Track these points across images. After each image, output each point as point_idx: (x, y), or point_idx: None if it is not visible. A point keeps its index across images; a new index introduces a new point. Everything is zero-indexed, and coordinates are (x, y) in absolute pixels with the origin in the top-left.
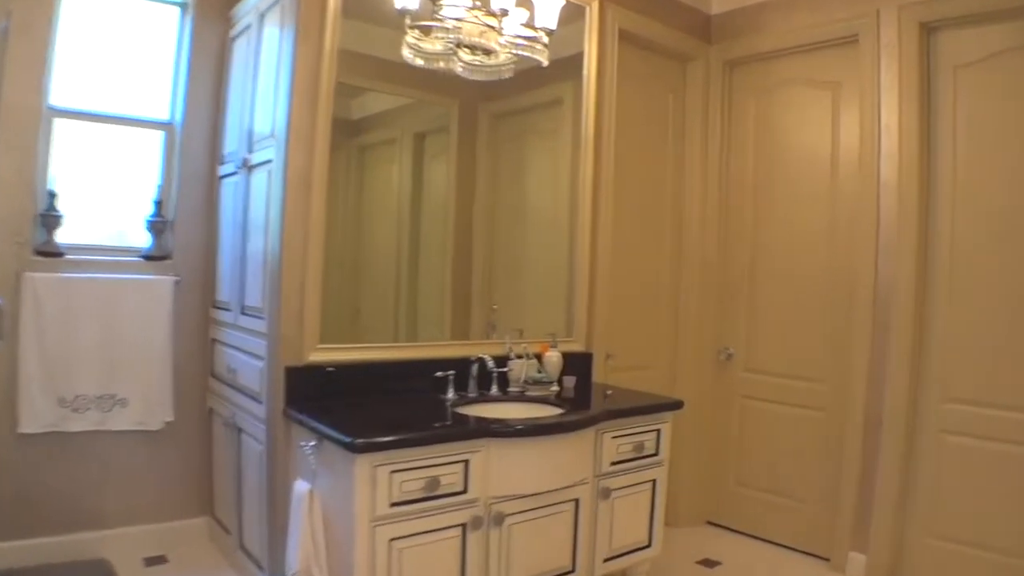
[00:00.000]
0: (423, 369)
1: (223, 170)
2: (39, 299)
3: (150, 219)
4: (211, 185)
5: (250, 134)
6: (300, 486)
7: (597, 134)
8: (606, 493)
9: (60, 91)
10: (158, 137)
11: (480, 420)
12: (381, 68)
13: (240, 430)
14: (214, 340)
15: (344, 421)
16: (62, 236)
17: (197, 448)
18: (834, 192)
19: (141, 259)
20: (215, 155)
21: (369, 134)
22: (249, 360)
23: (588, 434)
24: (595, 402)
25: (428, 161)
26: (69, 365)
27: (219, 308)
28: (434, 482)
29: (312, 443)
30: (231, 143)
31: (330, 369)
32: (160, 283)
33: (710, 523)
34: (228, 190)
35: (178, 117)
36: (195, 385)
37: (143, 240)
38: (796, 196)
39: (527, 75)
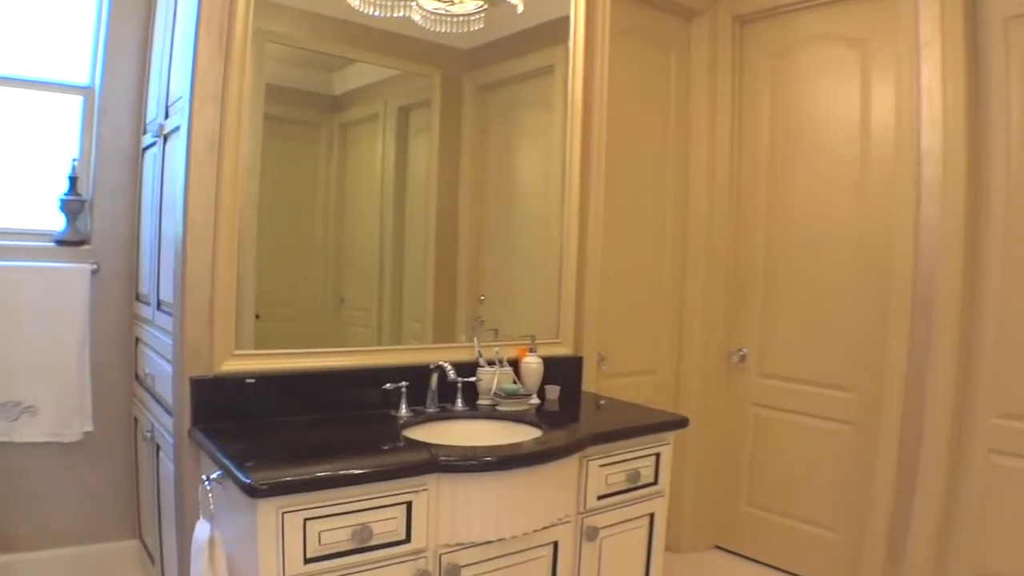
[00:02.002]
0: (374, 379)
1: (145, 141)
2: None
3: (64, 198)
4: (136, 159)
5: (167, 96)
6: (201, 530)
7: (586, 102)
8: (592, 533)
9: None
10: (75, 104)
11: (428, 449)
12: (338, 28)
13: (158, 447)
14: (137, 339)
15: (252, 450)
16: None
17: (123, 462)
18: (865, 168)
19: (53, 244)
20: (140, 125)
21: (351, 110)
22: (164, 365)
23: (570, 463)
24: (584, 418)
25: (413, 137)
26: None
27: (141, 302)
28: (365, 531)
29: (215, 475)
30: (153, 110)
31: (250, 380)
32: (73, 272)
33: (718, 547)
34: (149, 164)
35: (98, 80)
36: (118, 391)
37: (56, 223)
38: (820, 173)
39: (514, 40)
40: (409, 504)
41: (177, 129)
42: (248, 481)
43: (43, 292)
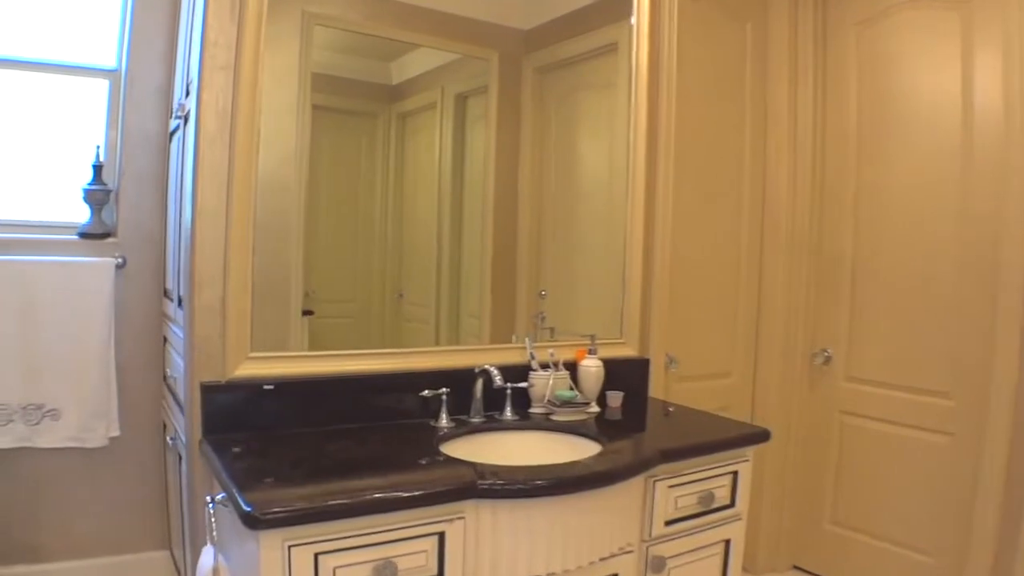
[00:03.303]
0: (410, 384)
1: (172, 125)
2: None
3: (88, 188)
4: (163, 146)
5: (187, 73)
6: (206, 558)
7: (652, 80)
8: (659, 564)
9: None
10: (101, 89)
11: (466, 469)
12: (391, 9)
13: (180, 456)
14: (165, 338)
15: (261, 468)
16: None
17: (152, 469)
18: (967, 148)
19: (77, 237)
20: (168, 109)
21: (409, 99)
22: (183, 367)
23: (635, 484)
24: (650, 429)
25: (470, 125)
26: None
27: (168, 298)
28: (388, 567)
29: (219, 496)
30: (178, 91)
31: (268, 387)
32: (97, 266)
33: (797, 568)
34: (175, 149)
35: (123, 63)
36: (146, 393)
37: (80, 215)
38: (915, 155)
39: (575, 17)
40: (442, 535)
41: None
42: (248, 509)
43: (65, 288)
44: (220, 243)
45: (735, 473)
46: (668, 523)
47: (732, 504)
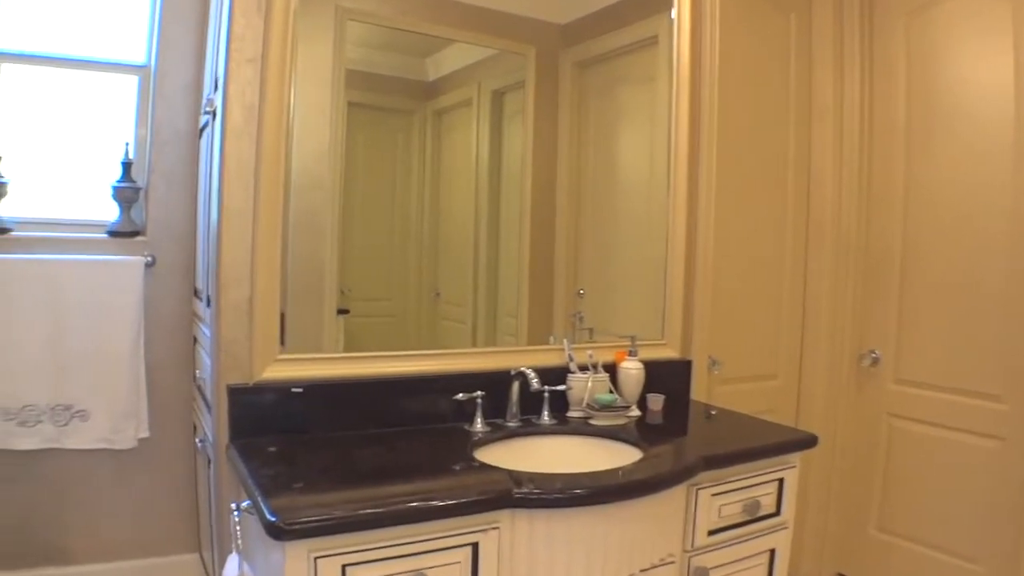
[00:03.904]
0: (444, 387)
1: (202, 121)
2: None
3: (117, 185)
4: (193, 143)
5: (216, 68)
6: (230, 567)
7: (693, 74)
8: (701, 575)
9: (8, 32)
10: (131, 85)
11: (501, 477)
12: (426, 4)
13: (209, 460)
14: (195, 339)
15: (288, 475)
16: (7, 209)
17: (182, 471)
18: (1021, 144)
19: (106, 236)
20: (198, 106)
21: (445, 96)
22: (210, 369)
23: (677, 493)
24: (693, 434)
25: (507, 121)
26: (12, 368)
27: (198, 298)
28: None
29: (245, 504)
30: (208, 87)
31: (296, 389)
32: (126, 265)
33: (841, 575)
34: (204, 145)
35: (153, 59)
36: (177, 394)
37: (109, 213)
38: (967, 148)
39: (614, 10)
40: (475, 546)
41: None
42: (272, 519)
43: (94, 287)
44: (247, 241)
45: (781, 480)
46: (711, 532)
47: (778, 512)
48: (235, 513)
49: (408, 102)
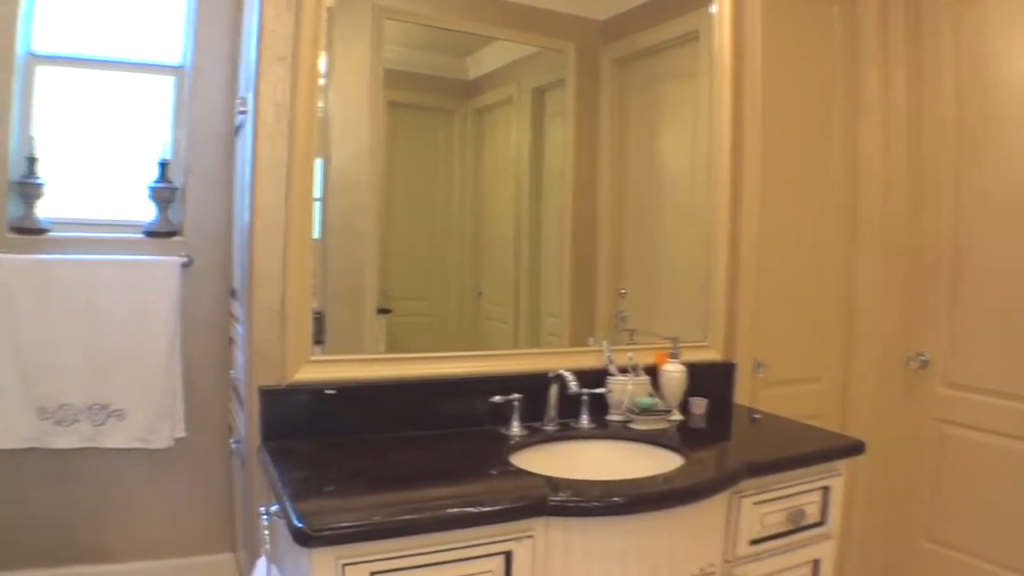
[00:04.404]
0: (480, 389)
1: (237, 121)
2: (9, 286)
3: (153, 186)
4: (229, 142)
5: (248, 66)
6: (259, 572)
7: (735, 68)
8: None
9: (45, 34)
10: (167, 86)
11: (536, 483)
12: (464, 3)
13: (243, 461)
14: (232, 339)
15: (319, 479)
16: (45, 209)
17: (218, 471)
18: None
19: (143, 236)
20: (233, 105)
21: (486, 94)
22: (244, 370)
23: (718, 500)
24: (736, 439)
25: (548, 119)
26: (50, 367)
27: (234, 298)
28: None
29: (274, 508)
30: (243, 86)
31: (329, 391)
32: (163, 265)
33: None
34: (240, 145)
35: (189, 59)
36: (213, 394)
37: (146, 213)
38: (1020, 145)
39: (654, 5)
40: (509, 555)
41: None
42: (299, 525)
43: (131, 287)
44: (279, 240)
45: (826, 488)
46: (753, 542)
47: (823, 522)
48: (264, 517)
49: (449, 101)
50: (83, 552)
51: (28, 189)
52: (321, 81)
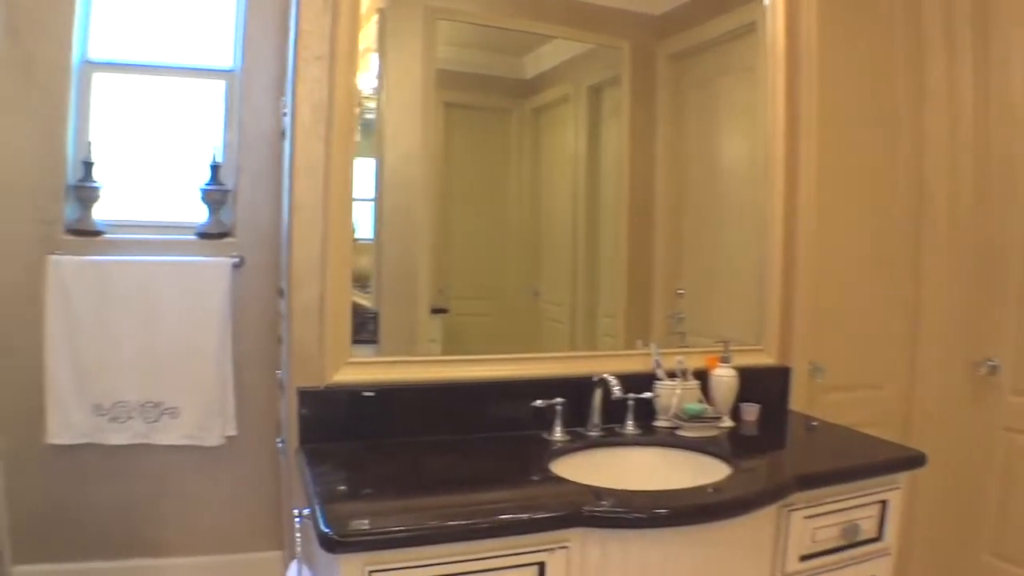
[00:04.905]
0: (521, 393)
1: (284, 123)
2: (66, 286)
3: (206, 188)
4: (278, 144)
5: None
6: (291, 574)
7: (789, 60)
8: None
9: (101, 42)
10: (218, 90)
11: (574, 492)
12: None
13: (287, 461)
14: (280, 338)
15: (352, 482)
16: (101, 212)
17: (267, 469)
18: None
19: (195, 237)
20: (281, 107)
21: (542, 93)
22: (285, 371)
23: (767, 513)
24: (789, 448)
25: (605, 117)
26: (105, 366)
27: (282, 297)
28: None
29: (306, 511)
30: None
31: (368, 393)
32: (214, 266)
33: None
34: (285, 146)
35: (239, 63)
36: (263, 394)
37: (199, 214)
38: None
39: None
40: (542, 566)
41: None
42: (326, 531)
43: (184, 288)
44: (317, 240)
45: (884, 502)
46: (803, 558)
47: (880, 537)
48: (297, 520)
49: (505, 100)
50: (140, 545)
51: (85, 192)
52: (374, 82)
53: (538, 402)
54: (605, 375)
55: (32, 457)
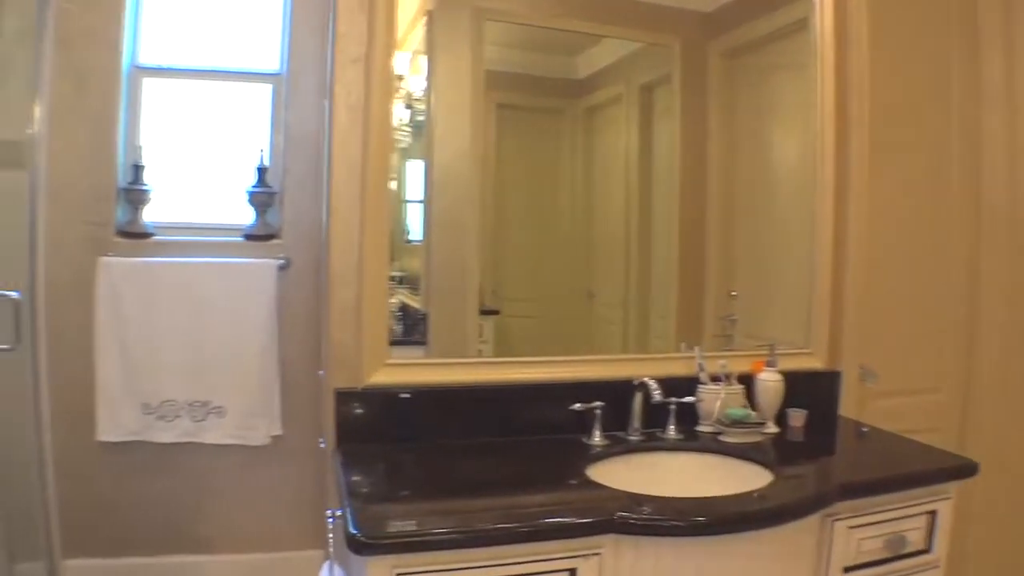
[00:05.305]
0: (560, 396)
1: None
2: (116, 287)
3: (252, 190)
4: (322, 146)
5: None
6: (324, 574)
7: (839, 56)
8: None
9: (151, 48)
10: (265, 93)
11: (608, 498)
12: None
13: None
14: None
15: (386, 484)
16: (150, 214)
17: (311, 468)
18: None
19: (242, 239)
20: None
21: (595, 93)
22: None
23: (809, 523)
24: (835, 456)
25: (657, 116)
26: (154, 365)
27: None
28: None
29: (339, 512)
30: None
31: (405, 395)
32: (261, 268)
33: None
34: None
35: (284, 66)
36: (309, 394)
37: (246, 216)
38: None
39: None
40: (573, 572)
41: None
42: (354, 532)
43: (231, 289)
44: (354, 241)
45: (933, 513)
46: (847, 570)
47: (928, 549)
48: (330, 520)
49: (557, 101)
50: (185, 542)
51: (135, 195)
52: (423, 84)
53: (577, 405)
54: (645, 379)
55: (82, 454)
